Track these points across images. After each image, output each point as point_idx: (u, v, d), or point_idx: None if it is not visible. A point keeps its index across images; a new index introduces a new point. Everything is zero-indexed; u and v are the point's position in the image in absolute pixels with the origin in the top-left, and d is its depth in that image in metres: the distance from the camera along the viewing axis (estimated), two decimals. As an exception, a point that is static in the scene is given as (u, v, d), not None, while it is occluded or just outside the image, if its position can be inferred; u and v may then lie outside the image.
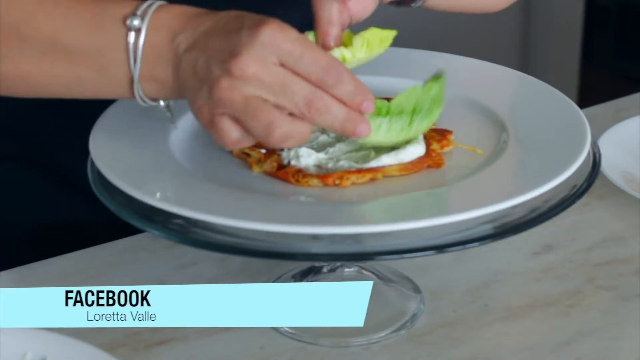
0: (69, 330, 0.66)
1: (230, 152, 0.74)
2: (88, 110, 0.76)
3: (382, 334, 0.75)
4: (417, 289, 0.80)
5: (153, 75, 0.68)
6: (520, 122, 0.75)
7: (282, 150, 0.72)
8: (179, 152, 0.73)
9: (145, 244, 0.85)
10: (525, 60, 2.50)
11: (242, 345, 0.74)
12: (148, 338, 0.74)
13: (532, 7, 2.47)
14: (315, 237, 0.65)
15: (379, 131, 0.69)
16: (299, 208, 0.69)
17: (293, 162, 0.71)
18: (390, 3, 0.79)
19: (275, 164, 0.71)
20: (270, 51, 0.63)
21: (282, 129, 0.64)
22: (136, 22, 0.67)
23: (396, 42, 0.78)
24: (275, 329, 0.76)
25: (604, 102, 1.13)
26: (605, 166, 0.93)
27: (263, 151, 0.72)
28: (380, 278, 0.79)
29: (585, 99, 2.30)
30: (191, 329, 0.75)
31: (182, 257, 0.83)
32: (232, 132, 0.65)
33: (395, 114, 0.70)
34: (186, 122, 0.76)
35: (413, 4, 0.83)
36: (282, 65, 0.64)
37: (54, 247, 0.84)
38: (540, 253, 0.85)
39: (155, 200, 0.65)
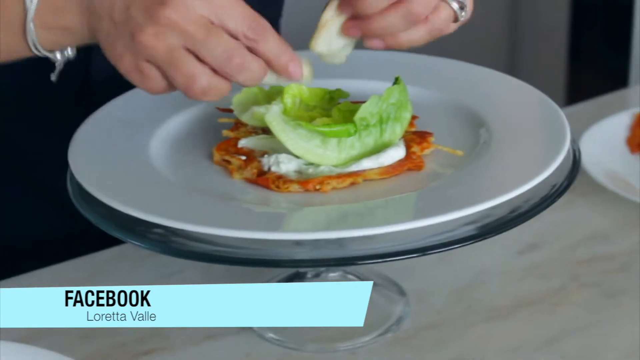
0: (58, 338, 0.66)
1: (211, 160, 0.74)
2: (66, 122, 0.75)
3: (368, 338, 0.75)
4: (402, 292, 0.80)
5: (55, 22, 0.66)
6: (500, 122, 0.75)
7: (262, 156, 0.72)
8: (158, 160, 0.72)
9: (128, 254, 0.85)
10: (512, 59, 2.51)
11: (227, 353, 0.74)
12: (133, 349, 0.74)
13: (519, 6, 2.47)
14: (298, 243, 0.65)
15: (353, 150, 0.70)
16: (280, 214, 0.68)
17: (273, 169, 0.70)
18: None
19: (255, 171, 0.71)
20: (199, 2, 0.62)
21: (202, 83, 0.63)
22: None
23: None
24: (260, 335, 0.76)
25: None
26: (589, 164, 0.93)
27: (243, 158, 0.72)
28: (365, 281, 0.79)
29: (573, 98, 2.30)
30: (176, 338, 0.75)
31: (166, 266, 0.83)
32: (158, 80, 0.64)
33: (362, 129, 0.70)
34: (165, 130, 0.76)
35: None
36: (207, 16, 0.63)
37: (35, 261, 0.84)
38: (524, 252, 0.85)
39: (135, 210, 0.65)
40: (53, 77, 0.71)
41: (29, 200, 0.92)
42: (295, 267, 0.76)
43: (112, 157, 0.72)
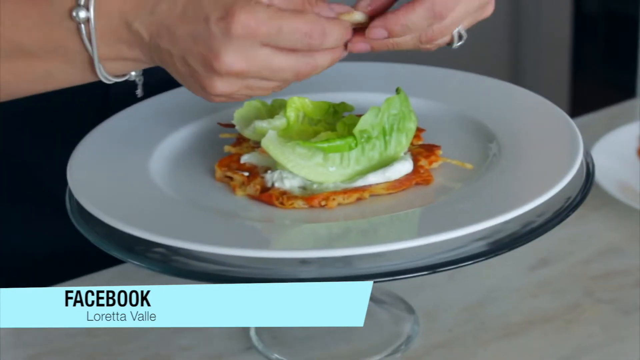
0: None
1: (213, 176, 0.72)
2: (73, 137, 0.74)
3: (376, 358, 0.73)
4: (410, 310, 0.78)
5: (120, 55, 0.66)
6: (510, 134, 0.73)
7: (265, 172, 0.70)
8: (159, 177, 0.71)
9: (131, 273, 0.83)
10: (515, 71, 2.49)
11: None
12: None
13: (521, 18, 2.46)
14: (304, 262, 0.63)
15: (358, 165, 0.68)
16: (285, 232, 0.66)
17: (277, 184, 0.69)
18: None
19: (258, 187, 0.69)
20: (250, 42, 0.62)
21: (302, 64, 0.63)
22: (82, 14, 0.65)
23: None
24: (266, 356, 0.74)
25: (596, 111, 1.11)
26: (600, 176, 0.91)
27: (246, 174, 0.70)
28: (372, 299, 0.76)
29: (576, 109, 2.29)
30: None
31: (169, 282, 0.81)
32: (262, 88, 0.65)
33: (364, 142, 0.68)
34: (166, 147, 0.74)
35: None
36: (264, 45, 0.62)
37: (40, 278, 0.82)
38: (536, 268, 0.83)
39: (135, 229, 0.63)
40: (139, 92, 0.72)
41: (45, 216, 0.91)
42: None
43: (112, 175, 0.71)
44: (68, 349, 0.76)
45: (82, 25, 0.65)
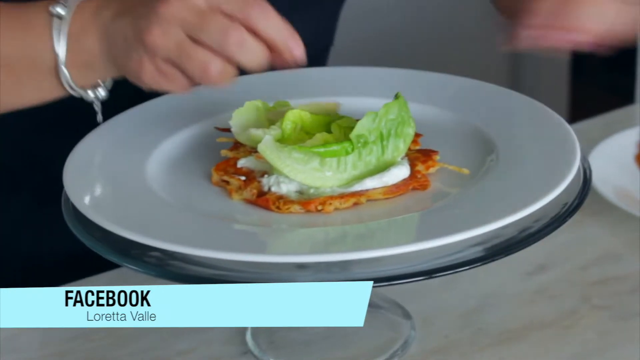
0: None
1: (209, 180, 0.71)
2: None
3: (373, 363, 0.73)
4: (407, 315, 0.78)
5: (80, 53, 0.69)
6: (507, 139, 0.73)
7: (262, 176, 0.70)
8: (155, 181, 0.70)
9: (130, 276, 0.83)
10: (514, 77, 2.49)
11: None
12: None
13: (520, 23, 2.46)
14: (300, 267, 0.62)
15: (355, 170, 0.68)
16: (282, 236, 0.66)
17: (274, 189, 0.68)
18: None
19: (255, 191, 0.69)
20: (174, 25, 0.65)
21: (216, 68, 0.65)
22: (59, 9, 0.69)
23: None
24: (260, 359, 0.74)
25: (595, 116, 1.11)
26: (598, 182, 0.91)
27: (243, 178, 0.70)
28: (369, 304, 0.76)
29: (576, 115, 2.28)
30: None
31: (168, 282, 0.81)
32: (180, 78, 0.66)
33: (361, 147, 0.68)
34: (162, 151, 0.74)
35: None
36: (207, 4, 0.65)
37: (41, 281, 0.82)
38: (533, 273, 0.83)
39: (131, 233, 0.63)
40: (99, 118, 0.75)
41: (46, 219, 0.90)
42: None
43: (108, 179, 0.71)
44: (64, 353, 0.76)
45: (55, 20, 0.69)
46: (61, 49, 0.69)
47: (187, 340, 0.76)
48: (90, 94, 0.72)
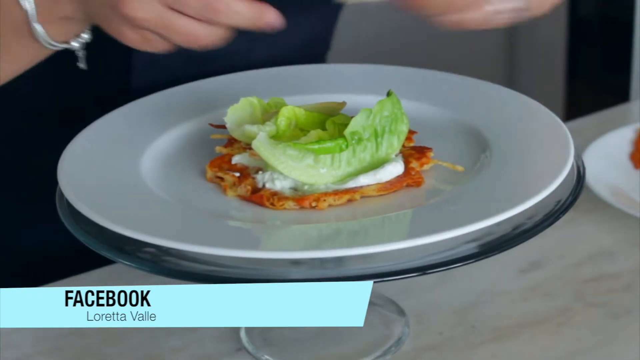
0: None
1: (204, 177, 0.71)
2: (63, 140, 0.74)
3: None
4: (401, 312, 0.78)
5: (55, 14, 0.68)
6: (501, 136, 0.73)
7: (256, 173, 0.70)
8: (150, 178, 0.70)
9: (125, 272, 0.83)
10: (510, 75, 2.49)
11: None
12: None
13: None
14: (294, 263, 0.62)
15: (349, 167, 0.68)
16: (276, 233, 0.66)
17: (268, 185, 0.68)
18: None
19: (249, 188, 0.69)
20: None
21: (200, 36, 0.65)
22: None
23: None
24: (255, 356, 0.74)
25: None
26: (592, 180, 0.91)
27: (237, 175, 0.70)
28: (363, 302, 0.77)
29: (571, 113, 2.28)
30: (169, 361, 0.73)
31: (158, 281, 0.81)
32: (164, 43, 0.67)
33: (355, 144, 0.68)
34: (157, 147, 0.74)
35: None
36: (165, 5, 0.65)
37: (33, 277, 0.82)
38: (527, 271, 0.83)
39: (125, 228, 0.63)
40: (81, 64, 0.73)
41: (38, 216, 0.90)
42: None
43: (103, 175, 0.70)
44: (58, 350, 0.76)
45: None
46: (28, 4, 0.68)
47: (181, 337, 0.76)
48: (74, 44, 0.71)
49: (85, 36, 0.72)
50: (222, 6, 0.64)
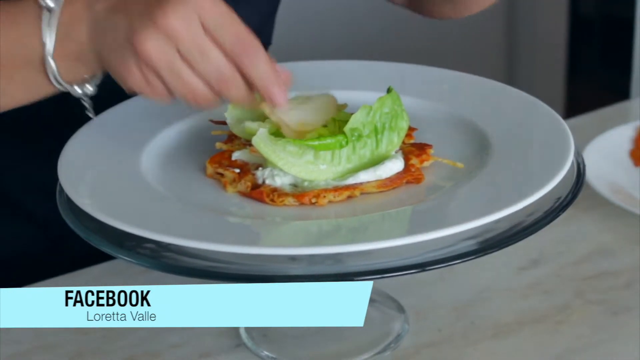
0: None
1: (204, 173, 0.71)
2: (49, 148, 0.74)
3: (366, 356, 0.73)
4: (400, 309, 0.78)
5: (68, 44, 0.68)
6: (502, 133, 0.73)
7: (256, 169, 0.70)
8: (150, 174, 0.70)
9: (118, 270, 0.83)
10: (511, 72, 2.50)
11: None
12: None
13: (517, 19, 2.46)
14: (293, 259, 0.62)
15: (349, 163, 0.68)
16: (275, 229, 0.66)
17: (268, 181, 0.68)
18: None
19: (249, 184, 0.69)
20: (195, 10, 0.63)
21: (202, 95, 0.65)
22: (49, 2, 0.68)
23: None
24: (255, 353, 0.74)
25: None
26: (592, 177, 0.91)
27: (237, 171, 0.70)
28: (363, 298, 0.77)
29: (571, 111, 2.29)
30: (170, 356, 0.73)
31: (158, 281, 0.81)
32: (164, 91, 0.66)
33: (355, 140, 0.68)
34: (157, 143, 0.74)
35: None
36: (204, 29, 0.64)
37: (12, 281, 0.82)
38: (526, 268, 0.83)
39: (126, 224, 0.63)
40: (90, 114, 0.74)
41: (10, 221, 0.91)
42: (290, 282, 0.74)
43: (103, 171, 0.70)
44: (57, 346, 0.76)
45: (44, 12, 0.67)
46: (49, 40, 0.68)
47: (180, 333, 0.76)
48: (78, 89, 0.71)
49: (91, 88, 0.72)
50: (232, 84, 0.65)
